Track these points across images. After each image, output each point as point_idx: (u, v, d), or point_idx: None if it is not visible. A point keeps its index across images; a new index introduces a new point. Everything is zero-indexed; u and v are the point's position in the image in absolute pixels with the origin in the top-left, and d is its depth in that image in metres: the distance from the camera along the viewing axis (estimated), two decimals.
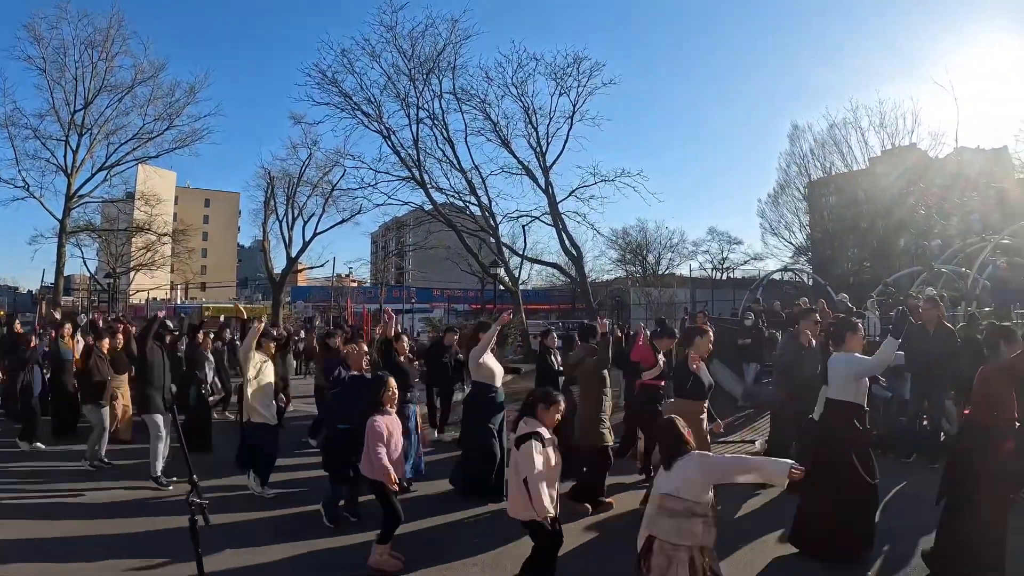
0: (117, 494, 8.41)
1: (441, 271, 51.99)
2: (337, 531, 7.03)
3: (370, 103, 32.31)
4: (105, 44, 34.06)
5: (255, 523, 7.34)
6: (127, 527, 7.14)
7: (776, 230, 51.87)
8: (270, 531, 7.04)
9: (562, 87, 31.78)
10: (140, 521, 7.32)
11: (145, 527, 7.11)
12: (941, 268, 21.22)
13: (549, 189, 32.44)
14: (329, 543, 6.72)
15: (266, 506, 7.95)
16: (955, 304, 15.98)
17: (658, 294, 39.97)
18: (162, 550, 6.25)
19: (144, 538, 6.79)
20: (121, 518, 7.49)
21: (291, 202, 36.58)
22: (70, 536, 6.79)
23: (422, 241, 45.12)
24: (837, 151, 47.29)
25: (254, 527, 7.17)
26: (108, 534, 6.92)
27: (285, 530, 7.05)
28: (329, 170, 35.56)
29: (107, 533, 6.95)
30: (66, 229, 34.43)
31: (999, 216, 27.97)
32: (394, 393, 6.24)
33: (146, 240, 43.04)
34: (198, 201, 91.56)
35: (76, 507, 7.90)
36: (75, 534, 6.86)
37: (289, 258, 36.92)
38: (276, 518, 7.53)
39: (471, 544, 6.60)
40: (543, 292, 56.69)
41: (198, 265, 63.24)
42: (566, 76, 31.57)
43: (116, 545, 6.56)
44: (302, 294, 55.55)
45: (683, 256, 59.03)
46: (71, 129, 34.02)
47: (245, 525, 7.18)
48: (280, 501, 8.12)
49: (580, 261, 34.12)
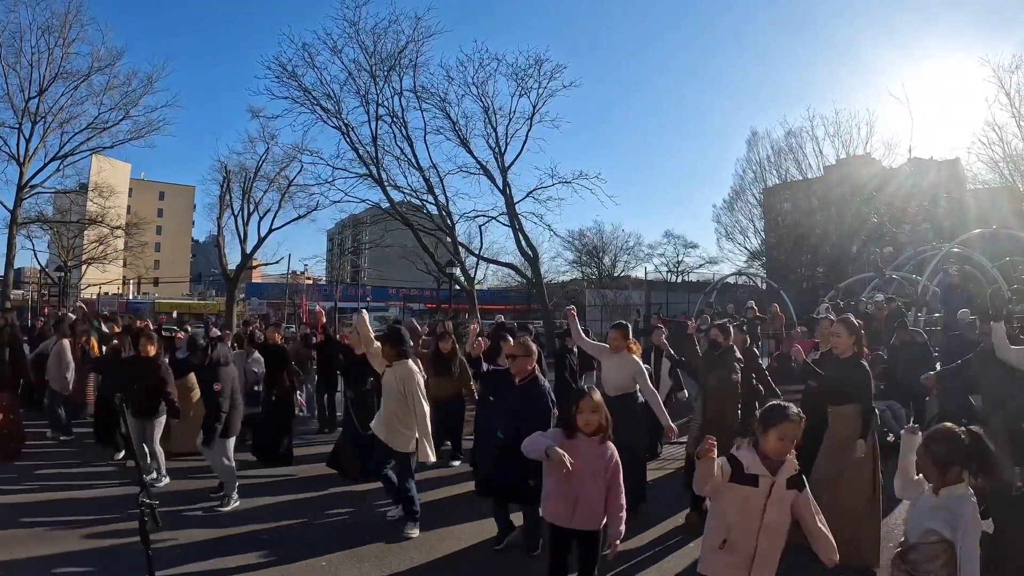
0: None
1: (397, 270, 51.59)
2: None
3: (330, 98, 31.83)
4: (63, 30, 32.88)
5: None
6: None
7: (731, 235, 52.55)
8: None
9: (523, 88, 31.67)
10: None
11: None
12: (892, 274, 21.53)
13: (507, 189, 32.32)
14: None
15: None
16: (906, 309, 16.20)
17: (613, 296, 40.05)
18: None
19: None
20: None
21: (247, 197, 35.70)
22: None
23: (378, 239, 44.69)
24: (793, 158, 48.04)
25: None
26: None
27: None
28: (286, 165, 34.75)
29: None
30: (17, 220, 33.09)
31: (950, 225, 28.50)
32: (591, 415, 4.59)
33: (99, 233, 41.58)
34: (152, 194, 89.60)
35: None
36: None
37: (244, 254, 36.02)
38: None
39: None
40: (499, 292, 56.38)
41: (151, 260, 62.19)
42: (527, 77, 31.44)
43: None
44: (257, 291, 54.72)
45: (639, 259, 59.42)
46: (25, 116, 32.83)
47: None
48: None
49: (536, 262, 33.99)
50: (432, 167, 32.92)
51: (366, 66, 31.20)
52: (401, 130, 32.40)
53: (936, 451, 3.47)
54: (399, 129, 32.38)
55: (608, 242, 58.93)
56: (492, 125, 31.96)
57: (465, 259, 34.82)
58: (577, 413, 4.46)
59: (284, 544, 6.69)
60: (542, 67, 31.20)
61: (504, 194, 32.40)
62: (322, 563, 6.23)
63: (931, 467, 3.48)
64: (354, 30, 30.57)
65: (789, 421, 3.65)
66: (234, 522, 7.36)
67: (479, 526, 7.07)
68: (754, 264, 49.93)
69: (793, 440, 3.66)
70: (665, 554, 6.49)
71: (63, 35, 33.11)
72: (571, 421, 4.49)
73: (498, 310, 47.71)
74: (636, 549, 6.43)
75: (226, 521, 7.39)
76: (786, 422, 3.64)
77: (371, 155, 32.08)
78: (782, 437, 3.64)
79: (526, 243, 33.11)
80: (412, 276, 49.42)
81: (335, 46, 30.94)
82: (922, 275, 19.22)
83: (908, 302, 17.49)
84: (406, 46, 30.93)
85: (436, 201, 33.18)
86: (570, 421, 4.49)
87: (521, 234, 32.82)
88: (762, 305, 20.76)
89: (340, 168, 32.75)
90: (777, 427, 3.65)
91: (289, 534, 7.04)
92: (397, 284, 55.02)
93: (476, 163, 32.63)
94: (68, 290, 44.01)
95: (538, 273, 34.35)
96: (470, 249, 35.90)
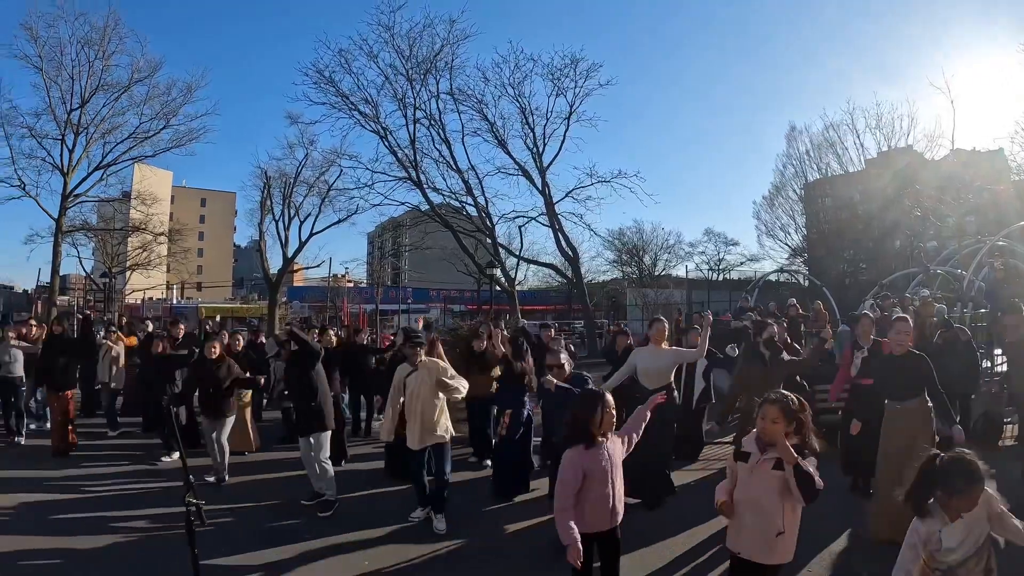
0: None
1: (437, 271, 51.88)
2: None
3: (367, 103, 32.35)
4: (102, 43, 33.90)
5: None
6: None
7: (772, 232, 52.04)
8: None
9: (559, 88, 31.91)
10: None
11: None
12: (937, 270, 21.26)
13: (546, 190, 32.53)
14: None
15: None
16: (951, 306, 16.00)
17: (654, 295, 39.93)
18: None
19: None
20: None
21: (287, 202, 36.55)
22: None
23: (418, 241, 45.17)
24: (833, 153, 47.38)
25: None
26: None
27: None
28: (326, 170, 35.58)
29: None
30: (62, 228, 34.18)
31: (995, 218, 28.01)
32: (612, 414, 4.55)
33: (142, 240, 42.81)
34: (194, 201, 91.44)
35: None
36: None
37: (285, 258, 36.88)
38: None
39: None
40: (539, 293, 56.43)
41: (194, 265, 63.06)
42: (563, 77, 31.70)
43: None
44: (298, 294, 55.36)
45: (679, 257, 58.93)
46: (67, 128, 33.74)
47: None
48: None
49: (576, 262, 34.17)
50: (471, 169, 33.33)
51: (402, 70, 31.69)
52: (439, 133, 32.82)
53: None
54: (437, 132, 32.81)
55: (648, 241, 58.59)
56: (529, 126, 32.26)
57: (505, 260, 35.16)
58: (603, 420, 4.39)
59: (321, 539, 6.82)
60: (577, 66, 31.48)
61: (543, 194, 32.64)
62: (364, 562, 6.28)
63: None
64: (389, 35, 31.13)
65: (769, 403, 4.01)
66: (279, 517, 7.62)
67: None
68: (796, 261, 49.43)
69: (782, 421, 3.94)
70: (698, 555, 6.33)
71: (102, 48, 34.16)
72: (594, 432, 4.37)
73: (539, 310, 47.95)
74: (669, 551, 6.37)
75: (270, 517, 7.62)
76: (767, 404, 4.02)
77: (410, 158, 32.49)
78: (764, 417, 3.98)
79: (566, 243, 33.28)
80: (452, 278, 49.64)
81: (371, 51, 31.53)
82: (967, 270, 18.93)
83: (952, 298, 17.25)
84: (441, 49, 31.37)
85: (475, 202, 33.50)
86: (593, 432, 4.37)
87: (561, 234, 33.02)
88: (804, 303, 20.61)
89: (379, 172, 33.32)
90: (762, 409, 4.03)
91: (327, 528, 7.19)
92: (438, 286, 55.27)
93: (514, 164, 32.98)
94: (112, 295, 44.93)
95: (578, 273, 34.48)
96: (510, 250, 36.21)
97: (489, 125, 32.40)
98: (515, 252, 36.07)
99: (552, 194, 32.70)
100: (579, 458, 4.32)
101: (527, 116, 32.19)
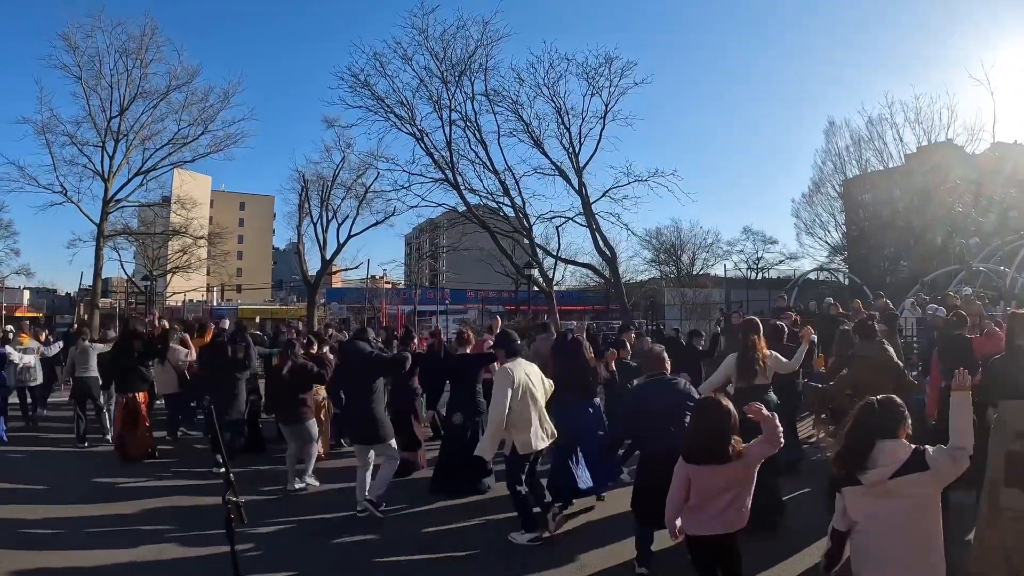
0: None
1: (475, 272, 52.08)
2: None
3: (403, 105, 32.48)
4: (139, 51, 34.71)
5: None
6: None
7: (811, 229, 51.71)
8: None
9: (594, 87, 31.78)
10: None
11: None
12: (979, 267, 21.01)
13: (582, 190, 32.49)
14: None
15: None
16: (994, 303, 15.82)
17: (693, 295, 39.80)
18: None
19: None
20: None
21: (325, 204, 36.84)
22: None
23: (456, 242, 45.40)
24: (872, 148, 46.94)
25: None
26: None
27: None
28: (363, 172, 35.79)
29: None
30: (103, 233, 34.96)
31: None
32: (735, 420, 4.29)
33: (182, 243, 43.74)
34: (233, 204, 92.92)
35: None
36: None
37: (324, 260, 37.20)
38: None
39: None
40: (577, 293, 56.36)
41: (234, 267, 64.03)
42: (598, 76, 31.53)
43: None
44: (337, 296, 55.87)
45: (717, 256, 58.85)
46: (107, 135, 34.53)
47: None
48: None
49: (614, 262, 34.09)
50: (507, 169, 33.30)
51: (437, 72, 31.76)
52: (475, 134, 32.87)
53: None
54: (473, 133, 32.85)
55: (686, 240, 58.57)
56: (565, 125, 32.20)
57: (543, 260, 35.14)
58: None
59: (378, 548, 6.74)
60: (612, 65, 31.29)
61: (580, 194, 32.60)
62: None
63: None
64: (423, 37, 31.17)
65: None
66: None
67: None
68: (835, 259, 48.95)
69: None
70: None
71: (140, 56, 35.04)
72: (727, 450, 4.18)
73: (577, 311, 47.91)
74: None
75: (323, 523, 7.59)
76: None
77: (446, 160, 32.62)
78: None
79: (603, 243, 33.25)
80: (490, 278, 49.80)
81: (405, 54, 31.62)
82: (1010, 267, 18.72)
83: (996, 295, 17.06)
84: (475, 50, 31.36)
85: (512, 203, 33.58)
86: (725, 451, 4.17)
87: (598, 234, 32.99)
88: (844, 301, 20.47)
89: (416, 173, 33.43)
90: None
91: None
92: (475, 286, 55.43)
93: (551, 164, 32.92)
94: (154, 298, 45.71)
95: (616, 273, 34.40)
96: (547, 250, 36.25)
97: (525, 125, 32.38)
98: (552, 252, 36.07)
99: (589, 194, 32.66)
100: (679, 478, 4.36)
101: (562, 116, 32.16)
